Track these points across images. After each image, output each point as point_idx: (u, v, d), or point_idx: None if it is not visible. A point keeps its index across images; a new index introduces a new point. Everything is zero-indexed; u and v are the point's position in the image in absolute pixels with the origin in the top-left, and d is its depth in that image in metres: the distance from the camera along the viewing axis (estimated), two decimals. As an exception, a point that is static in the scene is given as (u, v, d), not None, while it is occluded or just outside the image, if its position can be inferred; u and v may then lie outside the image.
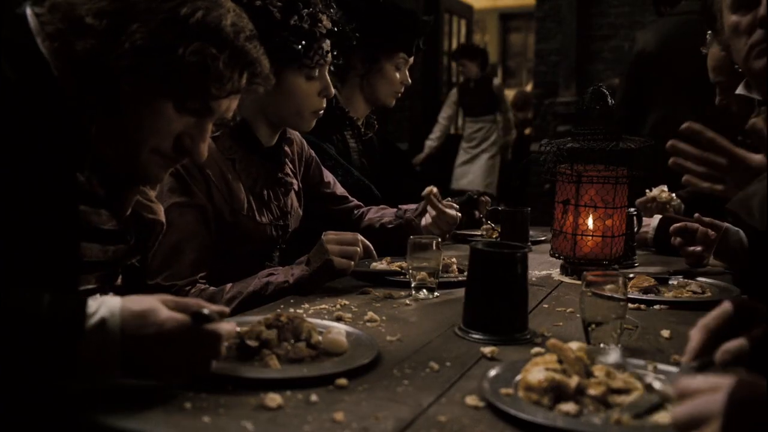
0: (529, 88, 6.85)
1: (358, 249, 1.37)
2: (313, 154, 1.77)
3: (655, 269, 1.62)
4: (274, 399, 0.79)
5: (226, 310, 0.89)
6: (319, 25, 1.48)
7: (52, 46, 0.92)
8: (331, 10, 1.55)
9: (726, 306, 0.85)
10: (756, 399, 0.63)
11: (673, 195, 2.01)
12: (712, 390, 0.65)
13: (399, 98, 2.28)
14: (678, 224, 1.66)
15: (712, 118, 1.75)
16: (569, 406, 0.76)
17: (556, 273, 1.58)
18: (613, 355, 0.90)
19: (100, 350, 0.77)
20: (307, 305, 1.24)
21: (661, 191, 2.00)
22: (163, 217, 1.15)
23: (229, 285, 1.37)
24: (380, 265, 1.54)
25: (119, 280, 1.12)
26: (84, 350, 0.76)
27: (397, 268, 1.51)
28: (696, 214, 1.64)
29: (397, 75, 2.12)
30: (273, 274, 1.37)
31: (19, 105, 0.89)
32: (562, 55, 5.07)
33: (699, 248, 1.60)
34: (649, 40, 3.29)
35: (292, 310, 1.20)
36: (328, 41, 1.52)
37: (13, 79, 0.88)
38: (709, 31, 1.78)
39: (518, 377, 0.83)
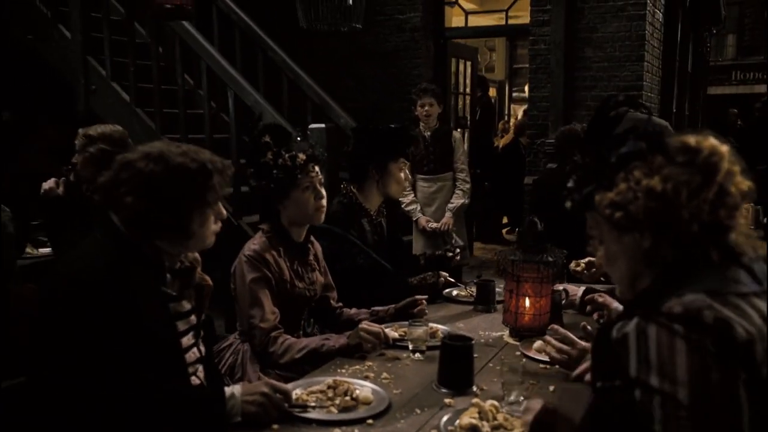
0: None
1: (380, 339, 2.18)
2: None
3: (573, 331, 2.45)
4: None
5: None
6: (298, 158, 2.32)
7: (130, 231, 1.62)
8: (305, 144, 2.39)
9: None
10: (549, 422, 1.43)
11: (582, 263, 2.86)
12: (533, 410, 1.46)
13: None
14: (589, 296, 2.49)
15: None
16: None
17: (506, 335, 2.41)
18: (510, 401, 1.73)
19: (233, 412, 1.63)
20: (347, 366, 2.08)
21: (576, 264, 2.85)
22: (209, 280, 1.81)
23: (300, 341, 2.23)
24: (391, 331, 2.36)
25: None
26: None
27: (402, 333, 2.34)
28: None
29: (402, 174, 2.98)
30: (328, 339, 2.22)
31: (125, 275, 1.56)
32: (551, 102, 5.85)
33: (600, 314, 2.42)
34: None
35: (341, 370, 2.04)
36: (311, 165, 2.35)
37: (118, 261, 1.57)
38: None
39: (457, 421, 1.66)
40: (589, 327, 2.12)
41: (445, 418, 1.67)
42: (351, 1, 3.13)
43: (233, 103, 5.10)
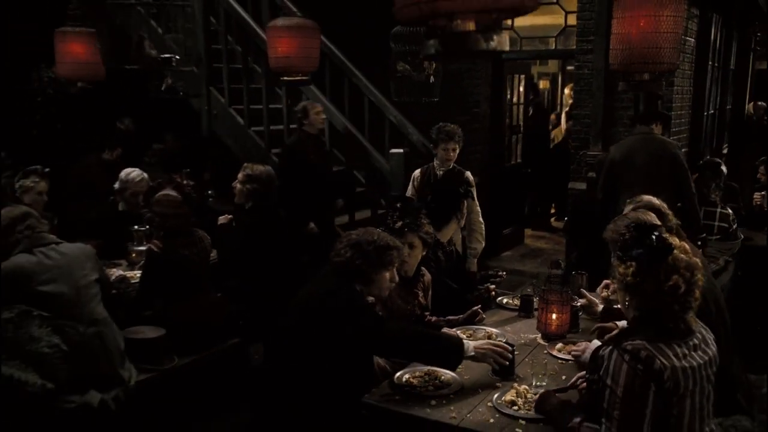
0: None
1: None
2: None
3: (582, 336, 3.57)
4: (433, 403, 2.82)
5: None
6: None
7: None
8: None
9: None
10: (545, 399, 2.61)
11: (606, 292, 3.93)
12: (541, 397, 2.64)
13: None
14: (599, 325, 3.60)
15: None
16: (515, 405, 2.76)
17: (538, 337, 3.55)
18: (536, 385, 2.89)
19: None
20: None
21: (603, 289, 3.93)
22: None
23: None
24: (461, 333, 3.52)
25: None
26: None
27: (468, 335, 3.50)
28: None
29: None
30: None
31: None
32: (592, 120, 6.84)
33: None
34: (615, 151, 5.25)
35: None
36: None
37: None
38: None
39: (503, 397, 2.82)
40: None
41: (495, 395, 2.83)
42: (432, 80, 4.22)
43: (328, 127, 6.30)
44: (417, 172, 5.19)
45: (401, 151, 5.83)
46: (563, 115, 9.96)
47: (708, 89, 8.35)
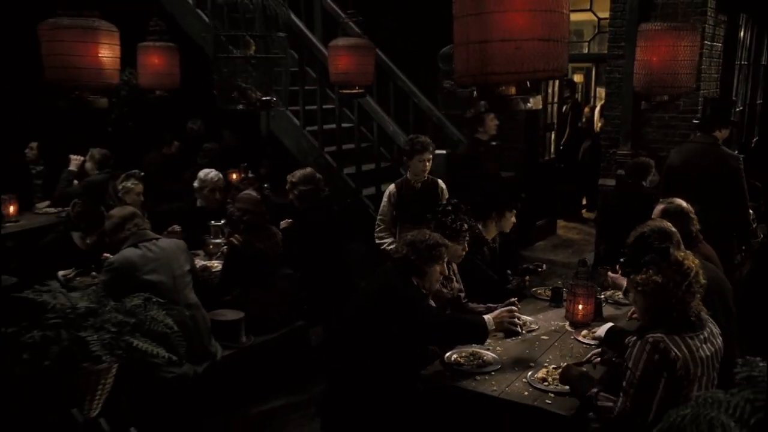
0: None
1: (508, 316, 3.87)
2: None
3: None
4: (477, 378, 3.40)
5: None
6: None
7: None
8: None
9: None
10: (565, 373, 3.18)
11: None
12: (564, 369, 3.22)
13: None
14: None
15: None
16: (546, 381, 3.33)
17: (567, 325, 4.10)
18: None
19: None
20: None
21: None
22: None
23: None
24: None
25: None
26: None
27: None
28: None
29: (513, 219, 4.67)
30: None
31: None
32: (622, 120, 7.32)
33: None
34: (675, 157, 5.64)
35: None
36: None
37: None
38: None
39: (536, 374, 3.39)
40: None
41: (529, 373, 3.40)
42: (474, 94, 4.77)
43: (377, 129, 6.88)
44: (392, 187, 5.29)
45: (444, 152, 6.37)
46: (596, 112, 10.41)
47: (735, 88, 8.73)
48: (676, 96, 4.09)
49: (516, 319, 3.69)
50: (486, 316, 3.59)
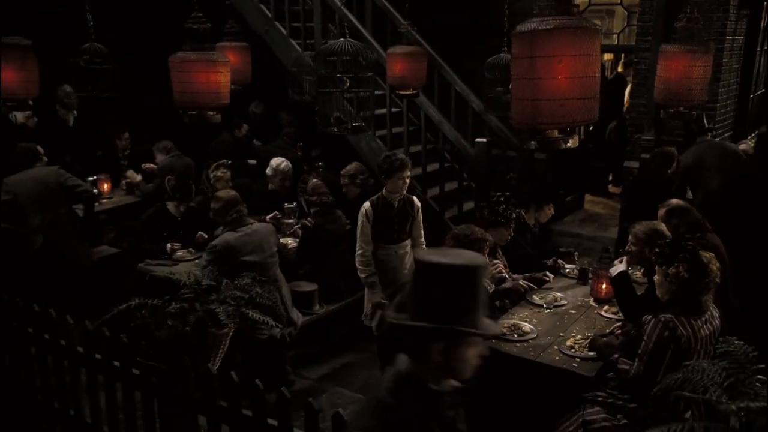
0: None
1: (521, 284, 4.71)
2: None
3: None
4: (517, 345, 4.22)
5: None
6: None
7: None
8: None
9: None
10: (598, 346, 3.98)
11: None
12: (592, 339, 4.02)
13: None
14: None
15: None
16: (573, 348, 4.14)
17: (591, 300, 4.88)
18: (587, 336, 4.25)
19: None
20: (518, 314, 4.64)
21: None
22: None
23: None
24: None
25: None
26: None
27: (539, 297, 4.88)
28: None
29: (552, 210, 5.47)
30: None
31: None
32: (646, 108, 7.98)
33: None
34: (689, 156, 6.38)
35: (514, 316, 4.60)
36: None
37: None
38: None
39: (566, 343, 4.20)
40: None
41: (560, 342, 4.22)
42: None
43: (424, 118, 7.61)
44: (367, 205, 5.06)
45: (484, 140, 7.10)
46: (626, 92, 11.02)
47: (755, 74, 9.30)
48: (690, 107, 4.78)
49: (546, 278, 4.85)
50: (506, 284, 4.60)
